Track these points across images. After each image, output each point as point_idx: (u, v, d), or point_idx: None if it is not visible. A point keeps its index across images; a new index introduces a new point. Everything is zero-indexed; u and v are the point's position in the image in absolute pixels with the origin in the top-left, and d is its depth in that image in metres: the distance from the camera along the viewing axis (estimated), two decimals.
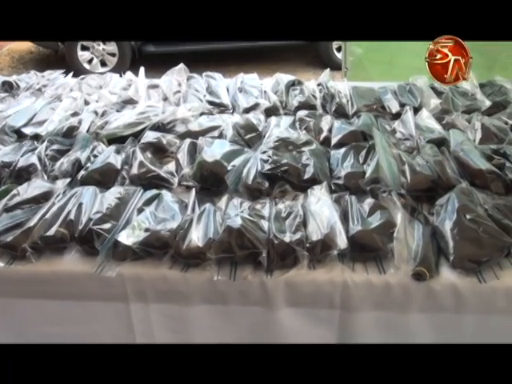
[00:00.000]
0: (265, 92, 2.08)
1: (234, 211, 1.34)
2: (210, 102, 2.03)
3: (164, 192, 1.45)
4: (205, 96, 2.08)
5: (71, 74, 2.41)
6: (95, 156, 1.64)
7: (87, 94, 2.14)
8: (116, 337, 1.36)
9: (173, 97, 2.09)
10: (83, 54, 5.50)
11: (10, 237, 1.31)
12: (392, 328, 1.30)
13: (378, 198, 1.40)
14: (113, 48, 5.50)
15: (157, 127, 1.80)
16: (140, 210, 1.37)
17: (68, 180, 1.55)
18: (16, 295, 1.33)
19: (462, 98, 2.01)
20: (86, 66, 5.50)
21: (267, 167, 1.50)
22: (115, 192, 1.44)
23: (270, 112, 1.94)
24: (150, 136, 1.71)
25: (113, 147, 1.67)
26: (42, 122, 1.88)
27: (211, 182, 1.52)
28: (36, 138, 1.79)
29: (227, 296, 1.28)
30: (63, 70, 2.45)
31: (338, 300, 1.26)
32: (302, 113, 1.88)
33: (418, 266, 1.23)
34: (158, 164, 1.60)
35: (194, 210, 1.37)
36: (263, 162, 1.52)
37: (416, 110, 1.88)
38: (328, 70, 2.28)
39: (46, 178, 1.58)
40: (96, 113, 1.93)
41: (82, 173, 1.56)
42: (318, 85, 2.14)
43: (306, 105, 1.97)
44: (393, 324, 1.29)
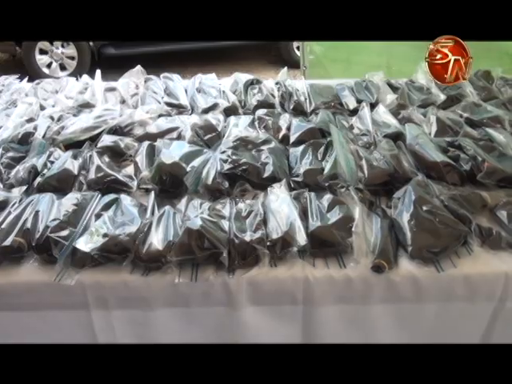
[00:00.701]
0: (223, 92, 2.08)
1: (194, 212, 1.34)
2: (168, 104, 2.01)
3: (122, 196, 1.43)
4: (163, 98, 2.07)
5: (26, 78, 2.35)
6: (52, 162, 1.61)
7: (43, 99, 2.10)
8: None
9: (130, 99, 2.07)
10: (41, 58, 5.35)
11: None
12: (355, 320, 1.32)
13: (337, 194, 1.42)
14: (72, 51, 5.36)
15: (114, 130, 1.78)
16: (98, 216, 1.35)
17: (24, 188, 1.51)
18: None
19: (418, 93, 2.05)
20: (45, 70, 5.35)
21: (227, 167, 1.50)
22: (72, 198, 1.41)
23: (229, 112, 1.94)
24: (107, 140, 1.69)
25: (69, 152, 1.64)
26: None
27: (170, 184, 1.51)
28: None
29: (190, 298, 1.27)
30: (18, 75, 2.39)
31: (300, 296, 1.27)
32: (260, 112, 1.89)
33: (377, 258, 1.25)
34: (116, 168, 1.58)
35: (153, 213, 1.36)
36: (223, 161, 1.52)
37: (373, 106, 1.92)
38: (286, 68, 2.31)
39: (1, 186, 1.54)
40: (52, 118, 1.90)
41: (38, 180, 1.53)
42: (277, 83, 2.16)
43: (264, 104, 1.98)
44: (355, 316, 1.32)
